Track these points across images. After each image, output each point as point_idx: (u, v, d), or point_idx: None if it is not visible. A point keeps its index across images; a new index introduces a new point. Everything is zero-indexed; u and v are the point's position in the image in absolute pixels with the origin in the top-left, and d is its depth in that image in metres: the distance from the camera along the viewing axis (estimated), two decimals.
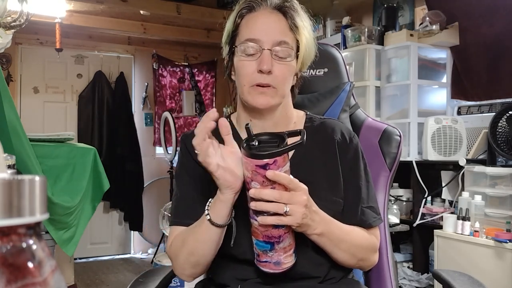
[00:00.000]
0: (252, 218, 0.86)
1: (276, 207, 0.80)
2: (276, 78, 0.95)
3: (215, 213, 0.88)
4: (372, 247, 1.00)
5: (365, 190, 1.01)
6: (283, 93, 0.99)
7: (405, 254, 2.84)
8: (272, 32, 0.95)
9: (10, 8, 2.22)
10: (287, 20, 0.97)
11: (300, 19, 0.99)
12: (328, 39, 3.24)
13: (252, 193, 0.81)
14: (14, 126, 1.86)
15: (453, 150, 2.59)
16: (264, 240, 0.85)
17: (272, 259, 0.87)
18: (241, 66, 0.97)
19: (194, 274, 0.98)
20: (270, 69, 0.93)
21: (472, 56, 2.71)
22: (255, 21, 0.97)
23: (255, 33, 0.95)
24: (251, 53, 0.95)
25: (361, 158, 1.03)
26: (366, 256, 0.99)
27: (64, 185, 2.36)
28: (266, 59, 0.93)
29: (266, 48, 0.94)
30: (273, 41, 0.95)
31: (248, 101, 0.97)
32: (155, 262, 3.97)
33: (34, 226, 0.29)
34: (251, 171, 0.81)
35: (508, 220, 2.12)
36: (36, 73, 4.35)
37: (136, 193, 4.61)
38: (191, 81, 4.94)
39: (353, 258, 0.96)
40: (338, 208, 0.98)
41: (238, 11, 0.99)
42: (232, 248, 0.94)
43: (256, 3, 0.98)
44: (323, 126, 1.06)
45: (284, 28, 0.97)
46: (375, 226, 1.01)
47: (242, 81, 0.97)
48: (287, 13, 0.97)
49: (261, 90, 0.95)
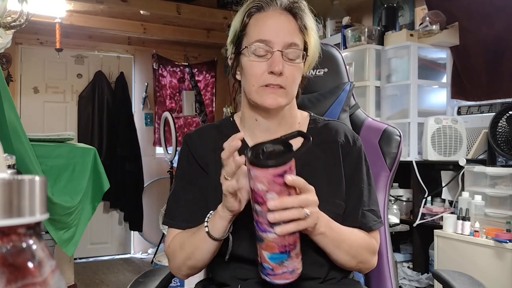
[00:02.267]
0: (264, 232, 0.80)
1: (298, 213, 0.78)
2: (286, 79, 0.95)
3: (213, 227, 0.89)
4: (372, 249, 1.00)
5: (367, 193, 1.01)
6: (292, 94, 0.99)
7: (405, 254, 2.84)
8: (282, 33, 0.95)
9: (10, 8, 2.22)
10: (297, 21, 0.97)
11: (308, 20, 0.99)
12: (328, 39, 3.24)
13: (273, 206, 0.75)
14: (14, 126, 1.86)
15: (453, 150, 2.59)
16: (280, 250, 0.81)
17: (289, 268, 0.82)
18: (251, 67, 0.96)
19: (190, 274, 1.01)
20: (282, 71, 0.94)
21: (472, 56, 2.71)
22: (265, 21, 0.97)
23: (266, 34, 0.95)
24: (262, 54, 0.95)
25: (364, 161, 1.03)
26: (365, 258, 0.98)
27: (64, 185, 2.36)
28: (277, 60, 0.93)
29: (277, 50, 0.94)
30: (284, 43, 0.95)
31: (257, 101, 0.97)
32: (155, 262, 3.97)
33: (34, 226, 0.29)
34: (267, 183, 0.76)
35: (508, 220, 2.12)
36: (36, 73, 4.35)
37: (136, 193, 4.61)
38: (191, 81, 4.94)
39: (353, 260, 0.96)
40: (339, 211, 0.98)
41: (246, 10, 0.98)
42: (232, 248, 0.94)
43: (265, 2, 0.97)
44: (327, 128, 1.06)
45: (294, 29, 0.97)
46: (375, 230, 1.01)
47: (251, 81, 0.97)
48: (297, 14, 0.97)
49: (271, 91, 0.95)
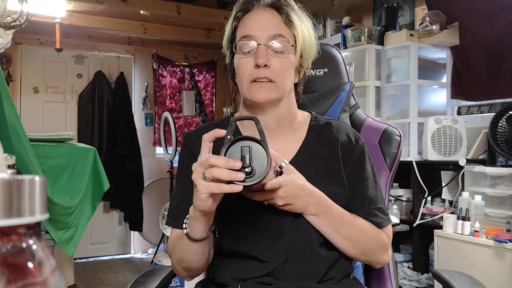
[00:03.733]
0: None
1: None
2: (274, 72, 0.96)
3: (191, 228, 0.89)
4: (381, 243, 0.99)
5: (373, 191, 1.01)
6: (284, 87, 0.99)
7: (405, 254, 2.84)
8: (266, 27, 0.97)
9: (10, 8, 2.22)
10: (281, 16, 0.98)
11: (295, 14, 1.00)
12: (328, 39, 3.24)
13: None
14: (14, 126, 1.86)
15: (453, 150, 2.59)
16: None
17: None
18: (240, 64, 0.98)
19: (190, 275, 1.01)
20: (266, 63, 0.94)
21: (472, 56, 2.71)
22: (249, 19, 0.99)
23: (250, 30, 0.97)
24: (248, 50, 0.97)
25: (367, 159, 1.04)
26: (370, 248, 0.98)
27: (64, 185, 2.36)
28: (261, 52, 0.95)
29: (261, 44, 0.95)
30: (268, 36, 0.96)
31: (248, 97, 0.98)
32: (155, 262, 3.97)
33: (34, 226, 0.29)
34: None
35: (508, 220, 2.12)
36: (36, 73, 4.35)
37: (136, 193, 4.61)
38: (191, 81, 4.94)
39: (356, 247, 0.96)
40: (340, 200, 0.98)
41: (234, 14, 1.01)
42: (235, 245, 0.95)
43: (250, 4, 0.99)
44: (328, 127, 1.06)
45: (278, 23, 0.98)
46: (384, 227, 1.01)
47: (241, 78, 0.98)
48: (281, 9, 0.98)
49: (259, 85, 0.96)
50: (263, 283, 0.94)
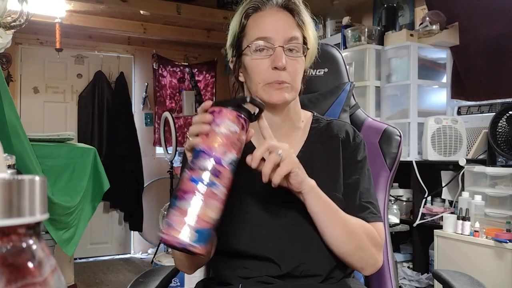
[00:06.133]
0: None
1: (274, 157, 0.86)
2: (290, 74, 0.97)
3: None
4: (374, 240, 0.97)
5: (365, 185, 1.01)
6: (297, 88, 1.01)
7: (405, 254, 2.84)
8: (282, 29, 0.97)
9: (10, 8, 2.22)
10: (294, 17, 0.99)
11: (305, 14, 1.01)
12: (328, 39, 3.24)
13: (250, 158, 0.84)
14: (14, 126, 1.86)
15: (453, 150, 2.59)
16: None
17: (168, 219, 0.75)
18: (255, 65, 0.98)
19: (189, 271, 1.02)
20: (285, 66, 0.95)
21: (472, 56, 2.71)
22: (264, 19, 0.99)
23: (266, 31, 0.97)
24: (263, 51, 0.97)
25: (362, 153, 1.04)
26: (365, 244, 0.96)
27: (64, 185, 2.37)
28: (280, 55, 0.95)
29: (278, 46, 0.96)
30: (284, 38, 0.96)
31: (264, 99, 0.97)
32: (155, 262, 3.97)
33: (34, 226, 0.29)
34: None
35: (508, 220, 2.12)
36: (36, 73, 4.35)
37: (136, 193, 4.61)
38: (191, 81, 4.94)
39: (351, 241, 0.94)
40: (338, 204, 0.98)
41: (243, 12, 1.00)
42: (234, 243, 0.95)
43: (261, 2, 0.99)
44: (329, 126, 1.07)
45: (292, 24, 0.99)
46: (372, 222, 1.00)
47: (256, 79, 0.98)
48: (293, 10, 0.99)
49: (278, 87, 0.97)
50: (265, 282, 0.94)
